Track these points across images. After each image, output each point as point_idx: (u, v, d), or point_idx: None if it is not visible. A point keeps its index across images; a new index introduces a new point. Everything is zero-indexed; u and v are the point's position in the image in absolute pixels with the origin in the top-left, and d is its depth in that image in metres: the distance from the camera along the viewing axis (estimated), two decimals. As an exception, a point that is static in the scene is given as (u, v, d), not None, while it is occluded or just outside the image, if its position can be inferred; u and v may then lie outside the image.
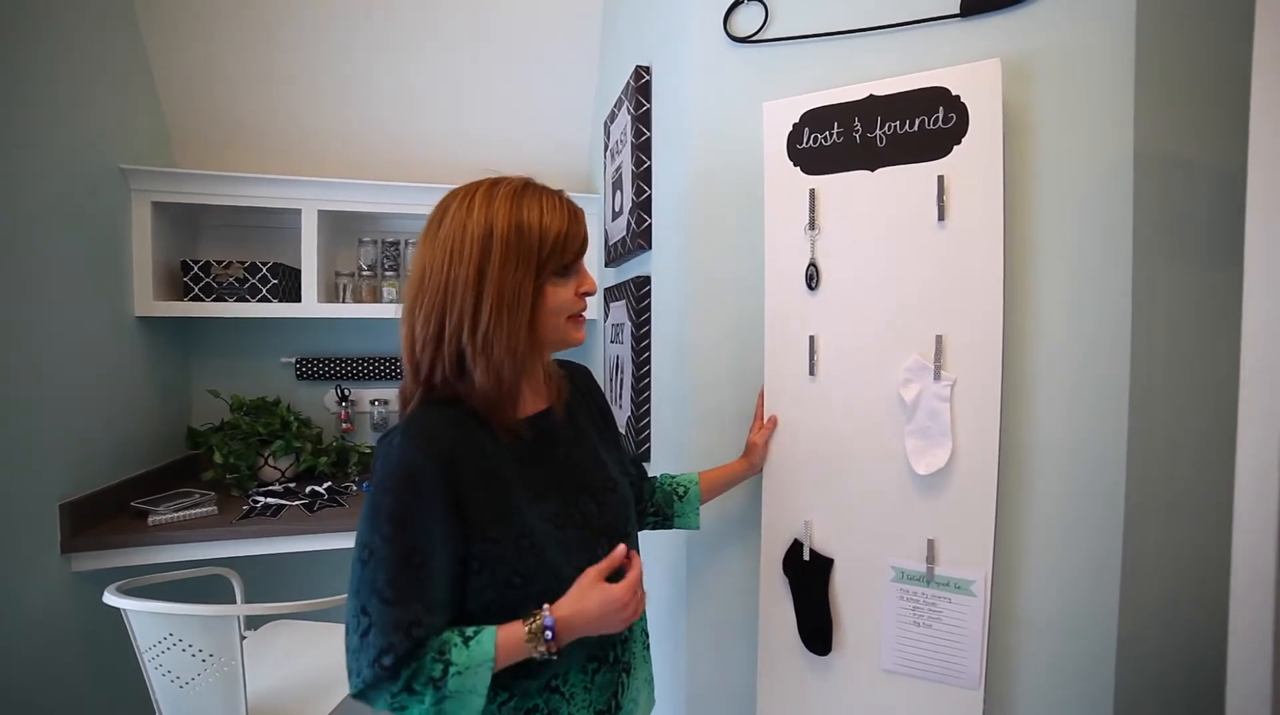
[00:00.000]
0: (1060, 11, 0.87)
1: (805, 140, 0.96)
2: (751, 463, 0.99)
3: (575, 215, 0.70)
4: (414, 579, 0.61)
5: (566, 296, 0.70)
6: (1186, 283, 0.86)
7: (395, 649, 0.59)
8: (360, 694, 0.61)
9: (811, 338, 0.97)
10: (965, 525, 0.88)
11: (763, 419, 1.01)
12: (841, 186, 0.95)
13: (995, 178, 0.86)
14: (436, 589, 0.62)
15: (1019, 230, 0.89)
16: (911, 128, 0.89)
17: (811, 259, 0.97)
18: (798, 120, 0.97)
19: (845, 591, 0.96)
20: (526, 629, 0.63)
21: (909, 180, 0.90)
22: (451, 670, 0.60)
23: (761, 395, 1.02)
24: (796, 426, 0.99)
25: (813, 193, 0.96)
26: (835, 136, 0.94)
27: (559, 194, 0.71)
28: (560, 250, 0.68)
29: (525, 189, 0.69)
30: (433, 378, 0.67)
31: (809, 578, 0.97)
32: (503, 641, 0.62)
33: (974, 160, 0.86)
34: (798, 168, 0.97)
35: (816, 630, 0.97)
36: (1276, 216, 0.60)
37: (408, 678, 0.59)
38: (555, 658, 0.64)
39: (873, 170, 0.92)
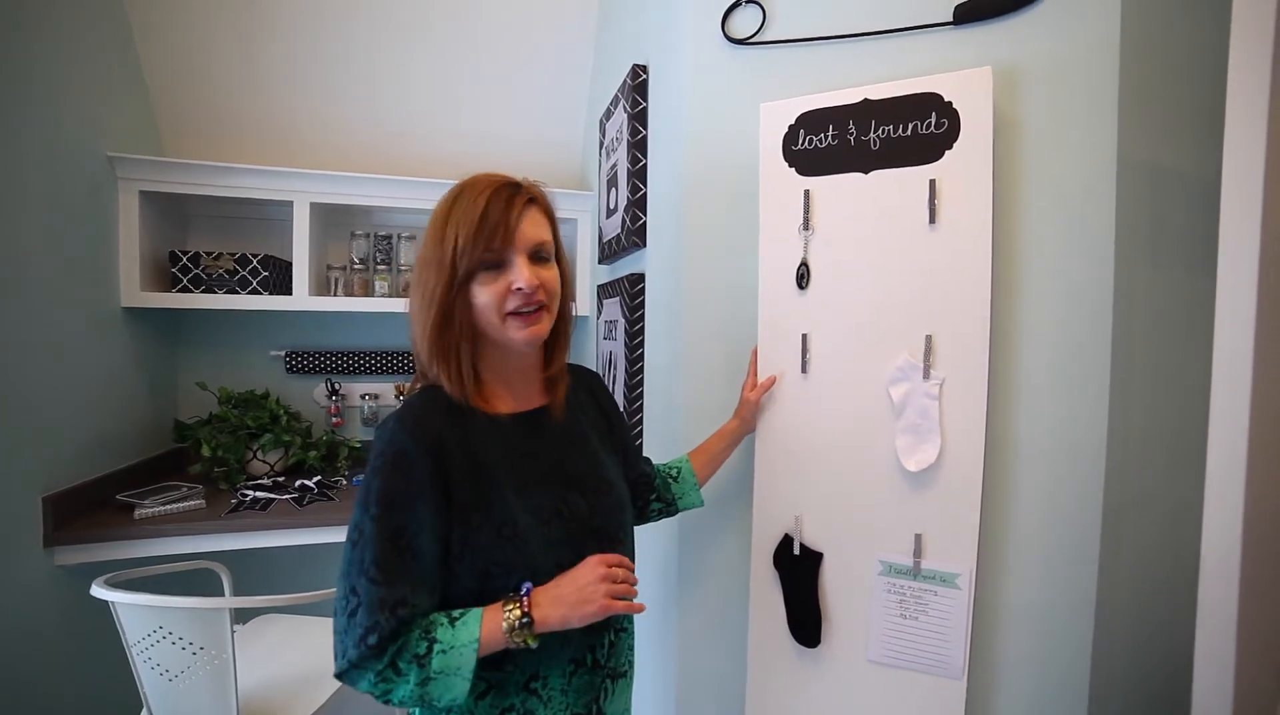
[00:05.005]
0: (1048, 22, 0.89)
1: (801, 142, 0.98)
2: (743, 419, 1.00)
3: (506, 202, 0.67)
4: (400, 560, 0.61)
5: (494, 293, 0.67)
6: (1165, 286, 0.89)
7: (380, 628, 0.59)
8: (344, 673, 0.61)
9: (804, 336, 0.99)
10: (952, 520, 0.91)
11: (756, 376, 1.02)
12: (835, 188, 0.96)
13: (985, 182, 0.88)
14: (422, 570, 0.63)
15: (1006, 233, 0.91)
16: (905, 132, 0.91)
17: (804, 258, 0.98)
18: (793, 122, 0.98)
19: (834, 585, 0.99)
20: (503, 606, 0.63)
21: (901, 183, 0.92)
22: (436, 648, 0.60)
23: (755, 354, 1.03)
24: (788, 423, 1.01)
25: (807, 193, 0.98)
26: (830, 139, 0.96)
27: (499, 185, 0.68)
28: (470, 245, 0.65)
29: (469, 186, 0.69)
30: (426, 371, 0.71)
31: (799, 571, 0.99)
32: (488, 622, 0.63)
33: (965, 165, 0.88)
34: (793, 169, 0.99)
35: (806, 623, 0.99)
36: (1249, 223, 0.63)
37: (393, 654, 0.60)
38: (534, 645, 0.63)
39: (866, 173, 0.94)
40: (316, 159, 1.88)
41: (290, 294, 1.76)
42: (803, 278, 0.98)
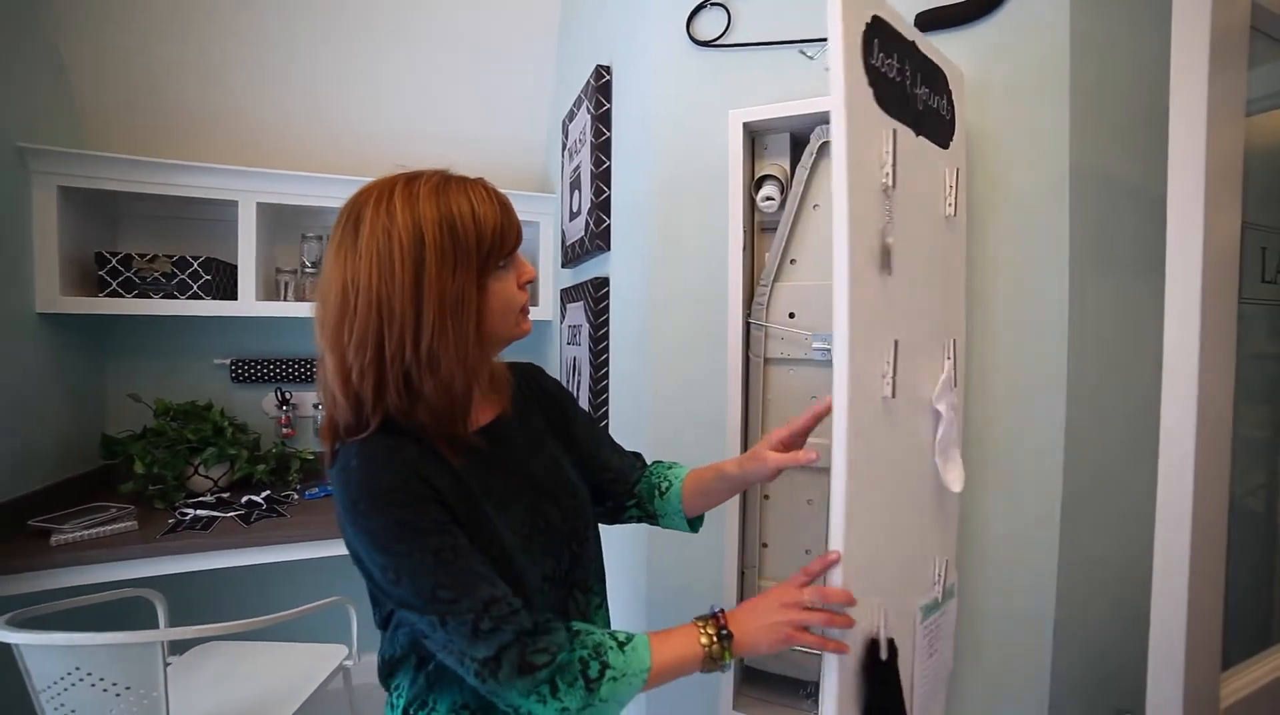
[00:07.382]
0: (1003, 33, 0.91)
1: (876, 56, 0.66)
2: (746, 472, 0.76)
3: (505, 204, 0.65)
4: (458, 569, 0.56)
5: (511, 290, 0.65)
6: (1117, 291, 0.92)
7: (500, 603, 0.55)
8: (491, 675, 0.54)
9: (896, 342, 0.68)
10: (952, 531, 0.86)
11: (805, 432, 0.74)
12: (903, 138, 0.69)
13: (964, 181, 0.85)
14: (484, 569, 0.58)
15: (971, 238, 0.93)
16: (933, 104, 0.78)
17: (884, 232, 0.66)
18: (870, 23, 0.65)
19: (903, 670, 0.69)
20: (700, 630, 0.60)
21: (932, 161, 0.78)
22: (608, 674, 0.56)
23: (827, 404, 0.66)
24: (875, 480, 0.66)
25: (895, 135, 0.67)
26: (897, 72, 0.70)
27: (482, 183, 0.65)
28: (499, 243, 0.62)
29: (448, 183, 0.62)
30: (377, 407, 0.59)
31: (888, 678, 0.67)
32: (658, 649, 0.59)
33: (958, 158, 0.84)
34: (872, 91, 0.65)
35: None
36: (1193, 229, 0.66)
37: (552, 671, 0.55)
38: (729, 664, 0.60)
39: (916, 133, 0.73)
40: (264, 156, 1.78)
41: (235, 299, 1.65)
42: (885, 260, 0.67)
